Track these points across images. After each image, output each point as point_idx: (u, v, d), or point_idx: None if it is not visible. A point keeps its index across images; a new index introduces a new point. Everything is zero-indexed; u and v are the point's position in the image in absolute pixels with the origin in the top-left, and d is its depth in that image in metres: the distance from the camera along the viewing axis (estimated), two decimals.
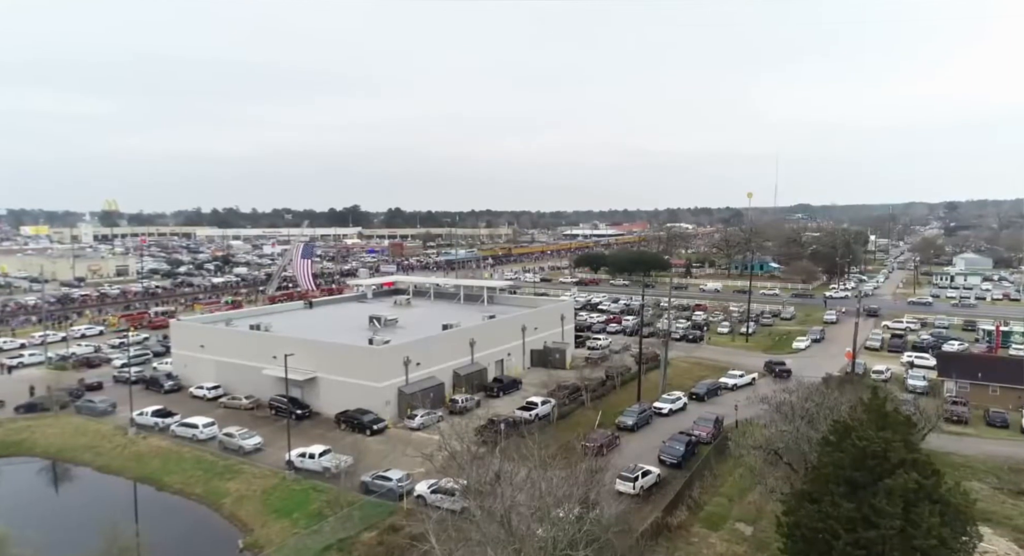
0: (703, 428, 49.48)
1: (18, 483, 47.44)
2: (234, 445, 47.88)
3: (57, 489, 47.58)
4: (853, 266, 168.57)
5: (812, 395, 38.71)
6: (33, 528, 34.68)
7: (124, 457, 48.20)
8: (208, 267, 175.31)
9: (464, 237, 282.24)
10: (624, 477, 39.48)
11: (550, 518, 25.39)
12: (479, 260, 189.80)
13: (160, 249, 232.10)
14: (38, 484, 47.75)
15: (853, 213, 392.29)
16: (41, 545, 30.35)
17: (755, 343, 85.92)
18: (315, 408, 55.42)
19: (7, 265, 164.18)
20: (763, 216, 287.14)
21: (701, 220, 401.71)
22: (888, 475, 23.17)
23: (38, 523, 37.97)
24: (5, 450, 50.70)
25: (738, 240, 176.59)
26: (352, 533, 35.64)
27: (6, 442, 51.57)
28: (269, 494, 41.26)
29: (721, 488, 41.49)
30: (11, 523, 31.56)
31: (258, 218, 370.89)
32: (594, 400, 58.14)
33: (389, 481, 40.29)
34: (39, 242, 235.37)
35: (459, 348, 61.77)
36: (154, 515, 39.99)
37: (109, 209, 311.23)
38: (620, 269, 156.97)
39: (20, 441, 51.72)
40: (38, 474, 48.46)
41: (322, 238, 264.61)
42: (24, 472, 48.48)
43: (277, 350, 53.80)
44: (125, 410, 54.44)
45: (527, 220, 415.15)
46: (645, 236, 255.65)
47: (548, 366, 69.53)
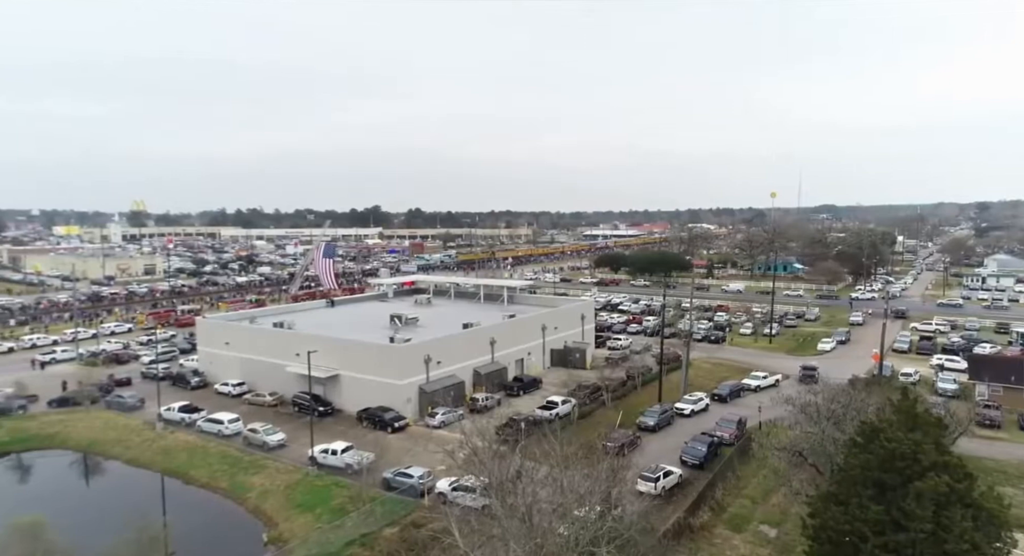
0: (726, 429, 48.95)
1: (52, 474, 48.76)
2: (258, 441, 48.59)
3: (88, 481, 48.78)
4: (880, 267, 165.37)
5: (838, 396, 38.09)
6: (67, 517, 35.71)
7: (152, 451, 49.20)
8: (232, 266, 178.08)
9: (484, 237, 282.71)
10: (645, 477, 39.22)
11: (571, 515, 25.35)
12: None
13: (186, 249, 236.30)
14: (71, 475, 49.03)
15: (879, 213, 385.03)
16: (74, 533, 31.14)
17: (778, 344, 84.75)
18: (337, 405, 56.00)
19: (40, 264, 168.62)
20: (786, 216, 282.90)
21: (723, 220, 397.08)
22: (918, 478, 22.68)
23: (71, 512, 39.08)
24: (39, 443, 52.10)
25: (761, 240, 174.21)
26: (374, 528, 35.95)
27: (40, 435, 52.99)
28: (292, 489, 41.80)
29: (744, 490, 41.01)
30: (46, 511, 32.37)
31: (281, 218, 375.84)
32: (615, 400, 57.86)
33: (410, 478, 40.57)
34: (70, 242, 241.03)
35: (479, 347, 61.92)
36: (181, 508, 40.67)
37: (137, 210, 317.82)
38: (641, 269, 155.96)
39: (54, 434, 53.10)
40: (70, 466, 49.73)
41: (344, 238, 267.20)
42: (58, 464, 49.79)
43: (300, 348, 54.42)
44: (153, 405, 55.58)
45: (547, 220, 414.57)
46: (666, 237, 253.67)
47: (568, 366, 69.38)
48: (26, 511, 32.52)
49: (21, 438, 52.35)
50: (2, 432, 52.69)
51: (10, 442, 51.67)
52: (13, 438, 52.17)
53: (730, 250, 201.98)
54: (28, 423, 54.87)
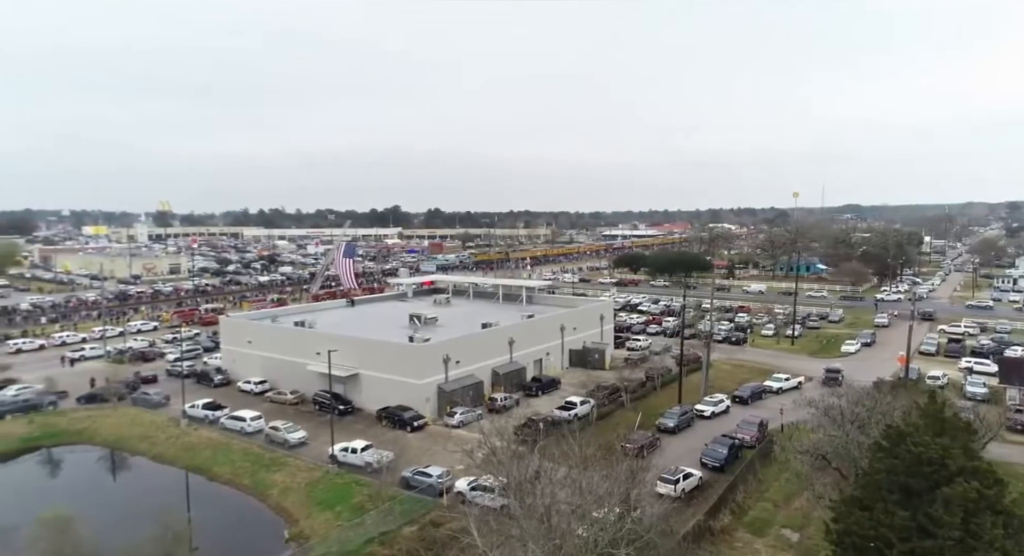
0: (747, 431, 48.37)
1: (81, 469, 49.91)
2: (280, 438, 49.19)
3: (115, 476, 49.80)
4: (906, 268, 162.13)
5: (863, 399, 37.43)
6: (94, 511, 36.50)
7: (177, 447, 50.07)
8: (255, 266, 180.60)
9: (502, 238, 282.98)
10: (665, 479, 38.93)
11: (590, 517, 25.25)
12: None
13: (210, 248, 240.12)
14: (98, 471, 50.09)
15: (906, 213, 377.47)
16: (101, 527, 31.84)
17: (801, 346, 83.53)
18: (357, 404, 56.47)
19: (70, 263, 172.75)
20: (809, 216, 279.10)
21: (744, 220, 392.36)
22: (946, 483, 22.18)
23: (98, 507, 39.92)
24: (69, 438, 53.38)
25: (783, 241, 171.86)
26: (393, 527, 36.17)
27: (69, 431, 54.26)
28: (313, 487, 42.24)
29: (766, 493, 40.48)
30: (74, 505, 33.13)
31: (302, 218, 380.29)
32: (634, 401, 57.51)
33: (429, 477, 40.77)
34: (99, 241, 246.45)
35: (498, 347, 61.99)
36: (205, 503, 41.41)
37: (163, 210, 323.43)
38: (660, 270, 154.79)
39: (82, 430, 54.34)
40: (98, 461, 50.83)
41: (364, 238, 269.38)
42: (86, 459, 50.94)
43: (321, 347, 55.00)
44: (177, 403, 56.58)
45: (565, 220, 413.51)
46: (686, 237, 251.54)
47: (587, 366, 69.15)
48: (55, 505, 33.31)
49: (51, 433, 53.67)
50: (33, 427, 54.03)
51: (41, 437, 53.01)
52: (44, 433, 53.50)
53: (751, 250, 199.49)
54: (58, 419, 56.21)
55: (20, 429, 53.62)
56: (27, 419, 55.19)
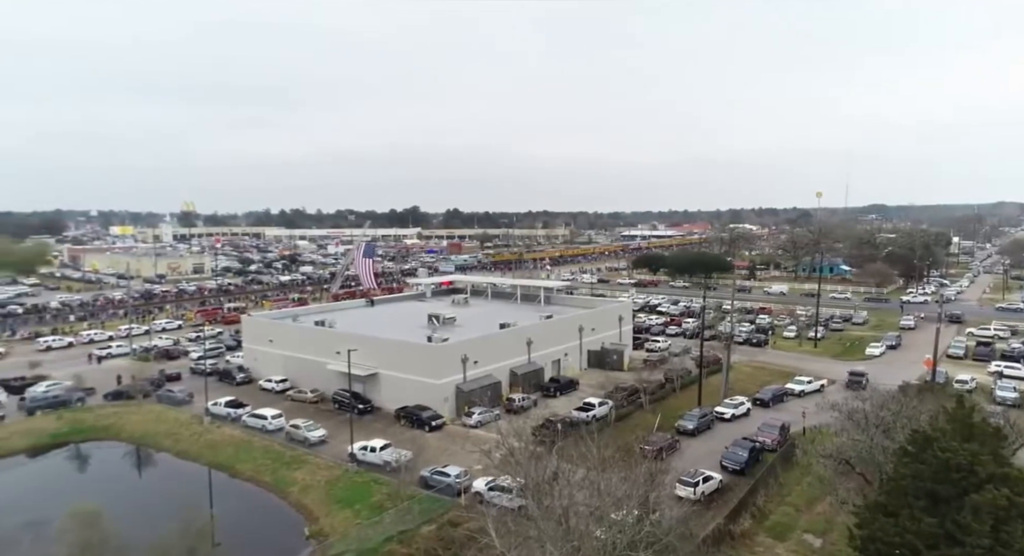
0: (768, 434, 47.75)
1: (107, 465, 51.00)
2: (300, 436, 49.73)
3: (140, 472, 50.76)
4: (933, 269, 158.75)
5: (888, 403, 36.73)
6: (120, 506, 37.24)
7: (200, 444, 50.86)
8: (276, 266, 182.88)
9: (521, 238, 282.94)
10: (684, 482, 38.59)
11: (608, 519, 25.13)
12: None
13: (232, 248, 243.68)
14: (124, 466, 51.11)
15: (933, 213, 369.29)
16: (127, 522, 32.48)
17: (824, 348, 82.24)
18: (376, 403, 56.87)
19: (98, 262, 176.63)
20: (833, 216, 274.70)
21: (766, 221, 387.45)
22: (975, 490, 21.68)
23: (124, 502, 40.71)
24: (96, 434, 54.54)
25: (806, 241, 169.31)
26: (412, 526, 36.34)
27: (97, 427, 55.45)
28: (333, 485, 42.62)
29: (787, 497, 39.91)
30: (102, 500, 33.86)
31: (323, 219, 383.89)
32: (653, 403, 57.11)
33: (447, 477, 40.90)
34: (125, 241, 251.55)
35: (516, 347, 61.99)
36: (227, 500, 42.00)
37: (187, 210, 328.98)
38: (680, 270, 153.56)
39: (109, 426, 55.49)
40: (124, 457, 51.85)
41: (383, 238, 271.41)
42: (112, 455, 52.02)
43: (340, 346, 55.47)
44: (201, 400, 57.47)
45: (584, 221, 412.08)
46: (706, 237, 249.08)
47: (605, 367, 68.83)
48: (84, 499, 34.10)
49: (79, 429, 54.88)
50: (62, 423, 55.30)
51: (69, 432, 54.24)
52: (72, 429, 54.73)
53: (773, 251, 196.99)
54: (85, 415, 57.46)
55: (50, 425, 54.91)
56: (56, 415, 56.49)
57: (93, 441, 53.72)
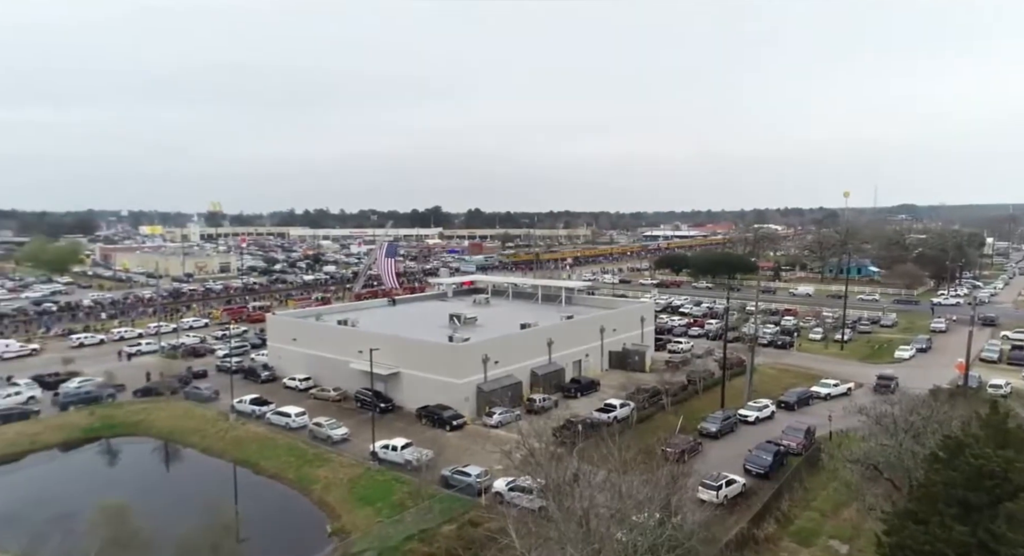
0: (793, 438, 46.96)
1: (137, 460, 52.17)
2: (323, 434, 50.27)
3: (168, 467, 51.83)
4: (966, 271, 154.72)
5: (918, 408, 35.87)
6: (149, 500, 38.03)
7: (225, 441, 51.70)
8: (300, 265, 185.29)
9: (542, 238, 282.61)
10: (707, 485, 38.15)
11: (629, 521, 24.95)
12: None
13: (258, 248, 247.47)
14: (153, 461, 52.25)
15: (965, 213, 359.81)
16: (156, 516, 33.17)
17: (851, 351, 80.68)
18: (398, 402, 57.25)
19: (128, 261, 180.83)
20: (861, 217, 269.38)
21: (791, 221, 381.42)
22: (1009, 498, 21.05)
23: (153, 496, 41.53)
24: (126, 429, 55.83)
25: (833, 242, 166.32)
26: (432, 525, 36.50)
27: (126, 422, 56.73)
28: (355, 483, 43.00)
29: (813, 502, 39.24)
30: (130, 494, 34.64)
31: (346, 219, 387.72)
32: (675, 405, 56.60)
33: (468, 476, 41.01)
34: (154, 241, 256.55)
35: (537, 347, 61.91)
36: (252, 496, 42.63)
37: (214, 210, 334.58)
38: (703, 271, 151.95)
39: (138, 422, 56.76)
40: (152, 452, 53.00)
41: (405, 238, 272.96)
42: (141, 450, 53.23)
43: (363, 345, 56.00)
44: (226, 397, 58.40)
45: (606, 221, 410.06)
46: (730, 237, 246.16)
47: (627, 368, 68.39)
48: (113, 493, 34.93)
49: (110, 424, 56.20)
50: (93, 418, 56.68)
51: (100, 428, 55.57)
52: (103, 424, 56.06)
53: (799, 252, 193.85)
54: (116, 411, 58.81)
55: (82, 420, 56.32)
56: (88, 411, 57.91)
57: (123, 437, 54.97)
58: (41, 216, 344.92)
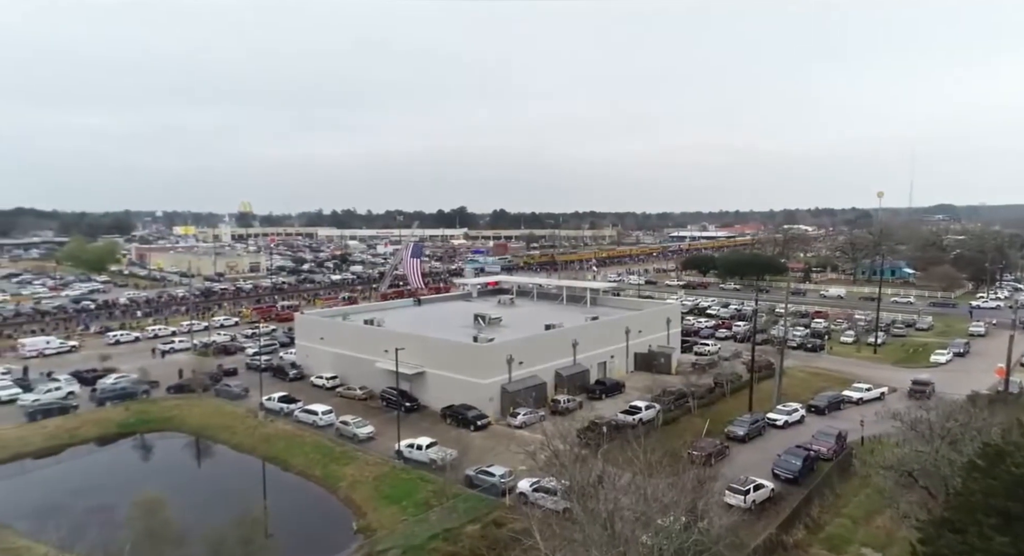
0: (823, 443, 45.99)
1: (170, 454, 53.51)
2: (349, 433, 50.86)
3: (200, 462, 52.98)
4: (1007, 273, 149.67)
5: (955, 414, 34.80)
6: (181, 494, 38.90)
7: (254, 438, 52.63)
8: (328, 265, 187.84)
9: (567, 238, 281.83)
10: (734, 489, 37.59)
11: (655, 525, 24.70)
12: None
13: (287, 248, 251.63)
14: (185, 457, 53.48)
15: (1007, 214, 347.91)
16: (188, 509, 33.94)
17: (884, 355, 78.70)
18: (423, 401, 57.62)
19: (162, 261, 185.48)
20: (896, 217, 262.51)
21: (822, 222, 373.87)
22: None
23: (185, 490, 42.52)
24: (159, 425, 57.29)
25: (866, 243, 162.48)
26: (457, 525, 36.62)
27: (160, 418, 58.19)
28: (380, 481, 43.38)
29: (844, 509, 38.36)
30: (164, 488, 35.48)
31: (372, 219, 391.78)
32: (701, 407, 55.90)
33: (492, 476, 41.07)
34: (187, 241, 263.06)
35: (561, 348, 61.73)
36: (280, 492, 43.34)
37: (244, 211, 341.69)
38: (731, 272, 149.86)
39: (171, 417, 58.17)
40: (184, 448, 54.28)
41: (430, 238, 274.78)
42: (174, 445, 54.58)
43: (388, 344, 56.52)
44: (255, 395, 59.49)
45: (632, 221, 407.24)
46: (759, 238, 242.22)
47: (652, 370, 67.76)
48: (148, 486, 35.82)
49: (144, 420, 57.70)
50: (129, 414, 58.23)
51: (135, 423, 57.09)
52: (138, 420, 57.58)
53: (830, 253, 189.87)
54: (150, 406, 60.34)
55: (118, 415, 57.91)
56: (124, 406, 59.50)
57: (157, 432, 56.41)
58: (80, 217, 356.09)
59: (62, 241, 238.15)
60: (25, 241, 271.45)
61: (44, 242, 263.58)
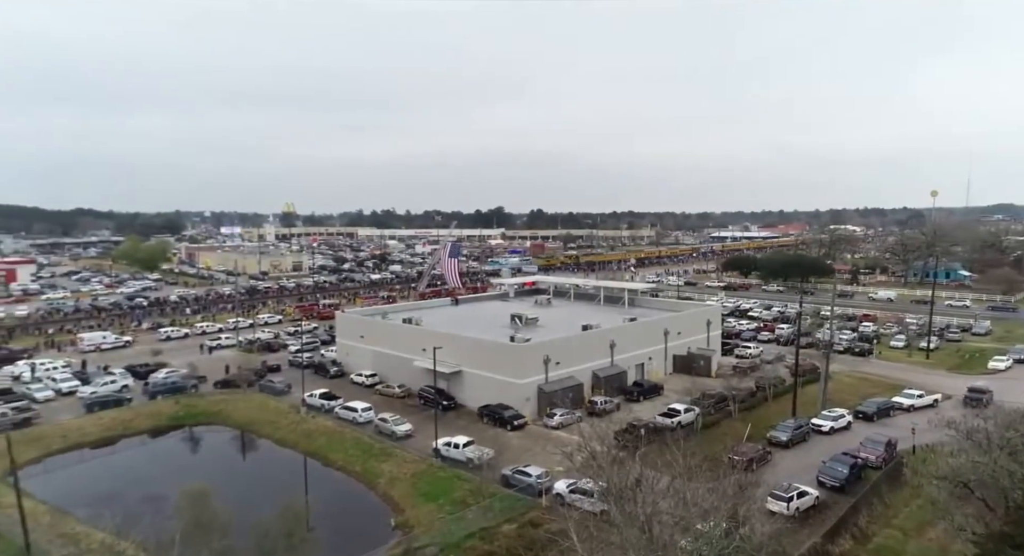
0: (872, 450, 44.40)
1: (216, 447, 55.29)
2: (388, 430, 51.58)
3: (245, 455, 54.57)
4: None
5: (1016, 423, 33.09)
6: (227, 486, 40.17)
7: (297, 433, 53.87)
8: (368, 264, 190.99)
9: (604, 238, 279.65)
10: (777, 496, 36.64)
11: (694, 530, 24.27)
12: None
13: (328, 247, 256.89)
14: (230, 450, 55.19)
15: None
16: (233, 501, 34.93)
17: (938, 360, 75.51)
18: (459, 400, 58.01)
19: (210, 260, 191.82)
20: (951, 217, 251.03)
21: (871, 222, 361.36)
22: None
23: (230, 482, 43.90)
24: (207, 418, 59.19)
25: (918, 244, 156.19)
26: (493, 524, 36.73)
27: (208, 412, 60.15)
28: (418, 478, 43.84)
29: (894, 519, 37.00)
30: (211, 480, 36.65)
31: (411, 219, 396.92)
32: (742, 411, 54.69)
33: (529, 476, 41.03)
34: (233, 240, 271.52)
35: (598, 349, 61.27)
36: (320, 487, 44.32)
37: (288, 211, 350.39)
38: (774, 274, 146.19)
39: (218, 412, 60.07)
40: (230, 441, 55.99)
41: (468, 238, 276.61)
42: (220, 439, 56.36)
43: (427, 343, 57.10)
44: (297, 391, 60.95)
45: (671, 221, 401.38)
46: (803, 239, 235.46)
47: (692, 373, 66.63)
48: (196, 478, 37.08)
49: (193, 413, 59.76)
50: (178, 407, 60.40)
51: (184, 416, 59.18)
52: (187, 413, 59.68)
53: (879, 254, 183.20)
54: (198, 401, 62.45)
55: (169, 408, 60.13)
56: (174, 400, 61.78)
57: (204, 425, 58.32)
58: (134, 217, 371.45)
59: (117, 240, 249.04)
60: (84, 240, 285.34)
61: (101, 241, 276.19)
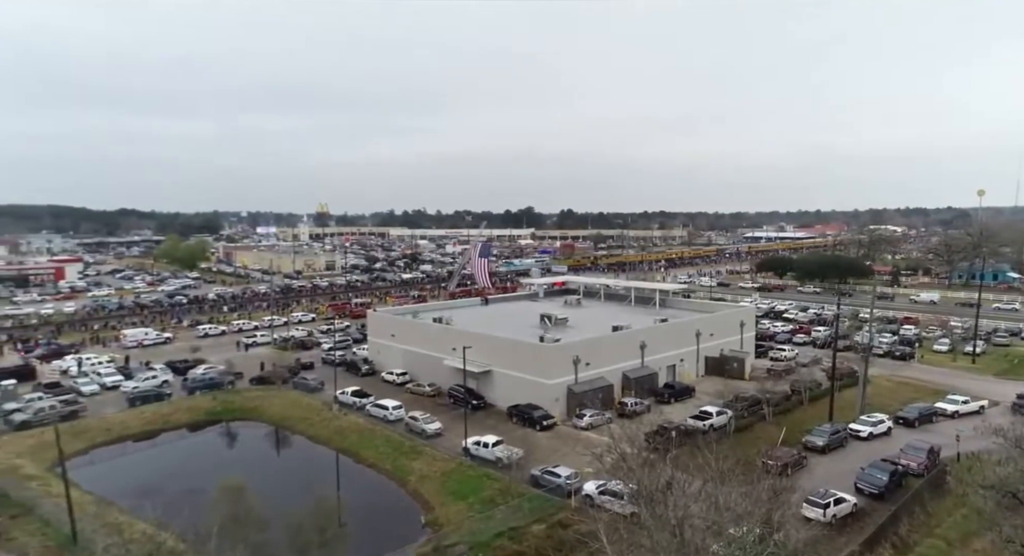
0: (913, 458, 43.01)
1: (252, 442, 56.50)
2: (418, 428, 52.01)
3: (279, 451, 55.68)
4: None
5: None
6: (262, 480, 41.00)
7: (329, 430, 54.73)
8: (399, 264, 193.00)
9: (635, 239, 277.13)
10: (813, 502, 35.80)
11: (727, 535, 23.85)
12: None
13: (360, 247, 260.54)
14: (266, 445, 56.34)
15: None
16: (268, 495, 35.69)
17: (984, 365, 72.76)
18: (489, 400, 58.15)
19: (247, 259, 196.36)
20: (998, 217, 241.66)
21: (913, 222, 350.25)
22: None
23: (265, 477, 44.77)
24: (243, 414, 60.58)
25: (963, 244, 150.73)
26: (522, 524, 36.70)
27: (244, 408, 61.55)
28: (447, 477, 44.10)
29: (936, 529, 35.75)
30: (246, 474, 37.50)
31: (442, 219, 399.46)
32: (776, 415, 53.58)
33: (558, 477, 40.89)
34: (269, 240, 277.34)
35: (629, 350, 60.74)
36: (352, 483, 44.86)
37: (321, 212, 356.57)
38: (810, 275, 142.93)
39: (254, 408, 61.42)
40: (265, 436, 57.19)
41: (498, 238, 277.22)
42: (256, 434, 57.61)
43: (456, 343, 57.40)
44: (330, 389, 61.90)
45: (703, 221, 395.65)
46: (841, 239, 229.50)
47: (724, 375, 65.55)
48: (232, 472, 37.99)
49: (230, 409, 61.20)
50: (215, 403, 61.92)
51: (221, 412, 60.67)
52: (224, 408, 61.16)
53: (922, 255, 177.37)
54: (235, 397, 63.93)
55: (206, 404, 61.72)
56: (211, 395, 63.37)
57: (240, 420, 59.71)
58: (174, 217, 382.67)
59: (159, 240, 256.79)
60: (127, 239, 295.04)
61: (144, 240, 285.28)
